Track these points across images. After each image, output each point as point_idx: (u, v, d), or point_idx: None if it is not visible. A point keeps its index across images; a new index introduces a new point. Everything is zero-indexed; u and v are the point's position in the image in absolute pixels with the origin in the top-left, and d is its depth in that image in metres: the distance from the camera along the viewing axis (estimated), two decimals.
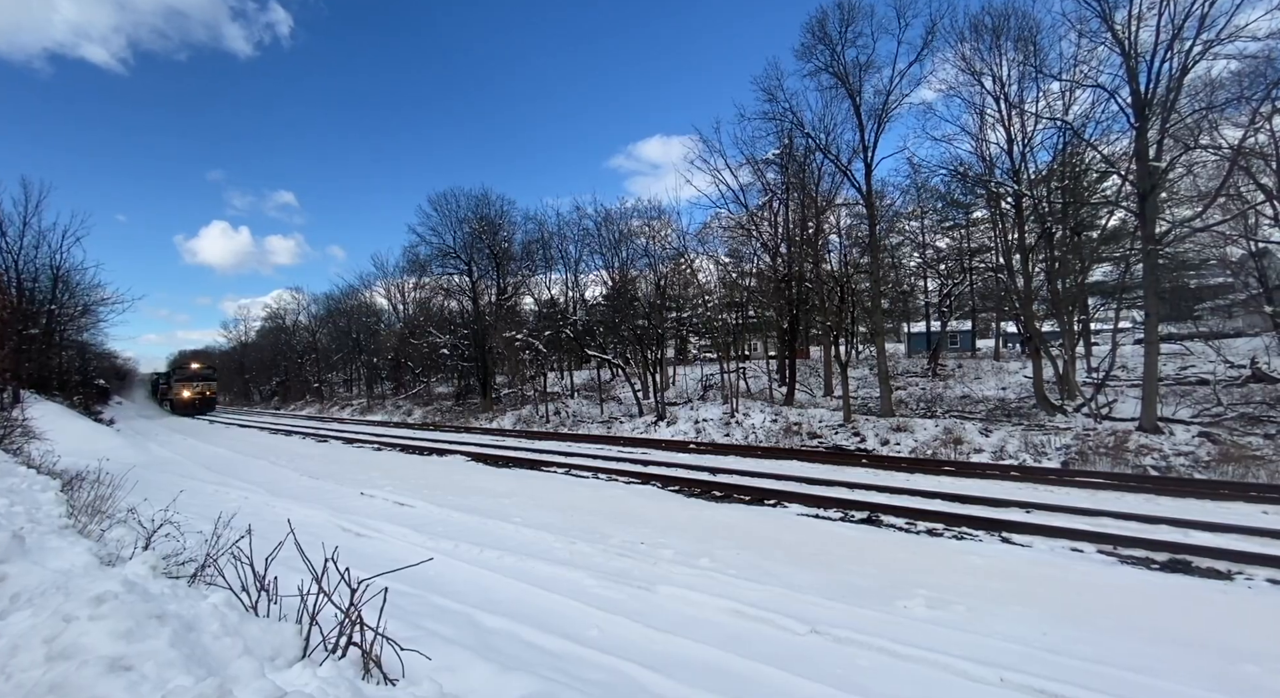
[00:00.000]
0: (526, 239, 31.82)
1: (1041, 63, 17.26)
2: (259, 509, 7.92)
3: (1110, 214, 20.87)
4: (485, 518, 7.13)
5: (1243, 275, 27.25)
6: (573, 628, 3.85)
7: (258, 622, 2.22)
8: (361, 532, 6.69)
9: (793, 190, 22.70)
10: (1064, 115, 17.42)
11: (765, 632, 3.83)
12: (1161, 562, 5.20)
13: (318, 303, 51.50)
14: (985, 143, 18.96)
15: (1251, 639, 3.59)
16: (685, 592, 4.46)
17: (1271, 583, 4.66)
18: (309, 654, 2.28)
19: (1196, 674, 3.14)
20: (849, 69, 18.77)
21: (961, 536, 6.17)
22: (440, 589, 4.60)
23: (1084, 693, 2.93)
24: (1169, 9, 14.96)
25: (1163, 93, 15.17)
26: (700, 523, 6.78)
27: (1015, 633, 3.69)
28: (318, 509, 7.80)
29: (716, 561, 5.29)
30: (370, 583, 2.84)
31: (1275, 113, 17.16)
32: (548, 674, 3.13)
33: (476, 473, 11.22)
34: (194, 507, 7.52)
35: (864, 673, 3.24)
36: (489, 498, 8.54)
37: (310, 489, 9.81)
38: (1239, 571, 4.91)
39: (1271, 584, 4.64)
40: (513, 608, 4.22)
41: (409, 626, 3.62)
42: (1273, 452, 9.74)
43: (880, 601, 4.27)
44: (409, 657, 2.80)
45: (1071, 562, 5.21)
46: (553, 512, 7.54)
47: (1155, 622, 3.87)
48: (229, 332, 65.79)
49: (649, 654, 3.46)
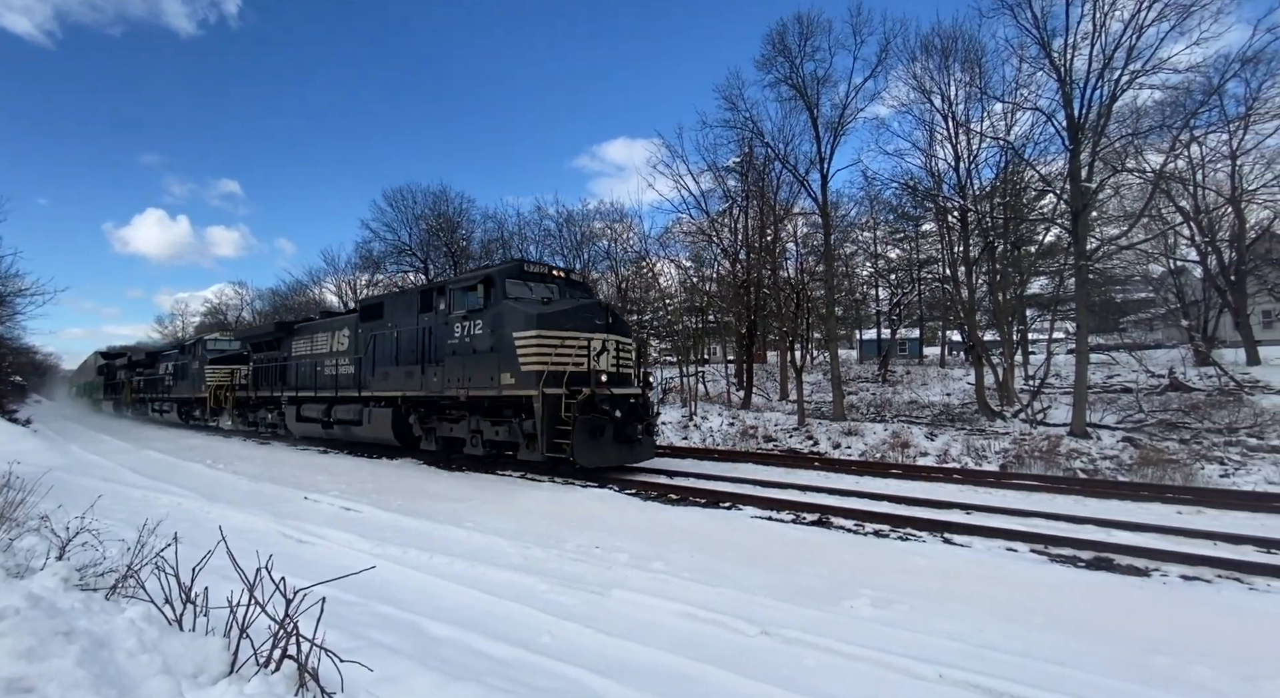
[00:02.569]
0: (486, 238, 31.33)
1: (986, 85, 18.17)
2: (193, 515, 7.49)
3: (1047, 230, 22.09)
4: (436, 523, 6.95)
5: (1163, 291, 29.32)
6: (524, 635, 3.79)
7: (180, 637, 2.08)
8: (304, 538, 6.41)
9: (752, 198, 23.11)
10: (1006, 135, 18.37)
11: (717, 634, 3.86)
12: (1087, 560, 5.51)
13: (263, 298, 49.02)
14: (934, 158, 19.80)
15: (1164, 632, 3.84)
16: (639, 596, 4.45)
17: (1184, 579, 5.00)
18: (237, 670, 2.16)
19: (1115, 666, 3.34)
20: (807, 82, 19.29)
21: (906, 537, 6.38)
22: (386, 597, 4.44)
23: (1014, 687, 3.07)
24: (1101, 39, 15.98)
25: (1094, 118, 16.16)
26: (656, 526, 6.78)
27: (954, 631, 3.83)
28: (257, 515, 7.43)
29: (671, 564, 5.30)
30: (310, 592, 2.72)
31: (1193, 141, 18.54)
32: (496, 683, 3.06)
33: (429, 477, 10.92)
34: (119, 513, 7.05)
35: (810, 673, 3.30)
36: (441, 502, 8.32)
37: (250, 493, 9.34)
38: (1156, 567, 5.25)
39: (1184, 580, 4.98)
40: (462, 615, 4.12)
41: (351, 636, 3.48)
42: (1187, 456, 10.48)
43: (828, 601, 4.37)
44: (349, 668, 2.69)
45: (1006, 561, 5.46)
46: (507, 517, 7.41)
47: (1080, 617, 4.10)
48: (164, 327, 61.98)
49: (601, 660, 3.44)
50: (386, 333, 12.67)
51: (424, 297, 12.04)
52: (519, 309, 9.91)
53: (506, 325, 9.93)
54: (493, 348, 10.12)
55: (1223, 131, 19.19)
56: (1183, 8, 15.48)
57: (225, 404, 20.27)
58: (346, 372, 14.02)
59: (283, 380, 16.74)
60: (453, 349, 10.93)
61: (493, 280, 10.42)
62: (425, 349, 11.58)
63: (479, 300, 10.49)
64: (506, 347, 9.83)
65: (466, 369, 10.56)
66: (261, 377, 18.16)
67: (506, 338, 9.87)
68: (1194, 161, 20.62)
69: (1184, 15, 15.55)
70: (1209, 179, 21.94)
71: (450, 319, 11.12)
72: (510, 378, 9.74)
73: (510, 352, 9.73)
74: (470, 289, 10.74)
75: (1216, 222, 22.85)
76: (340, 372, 14.32)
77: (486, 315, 10.39)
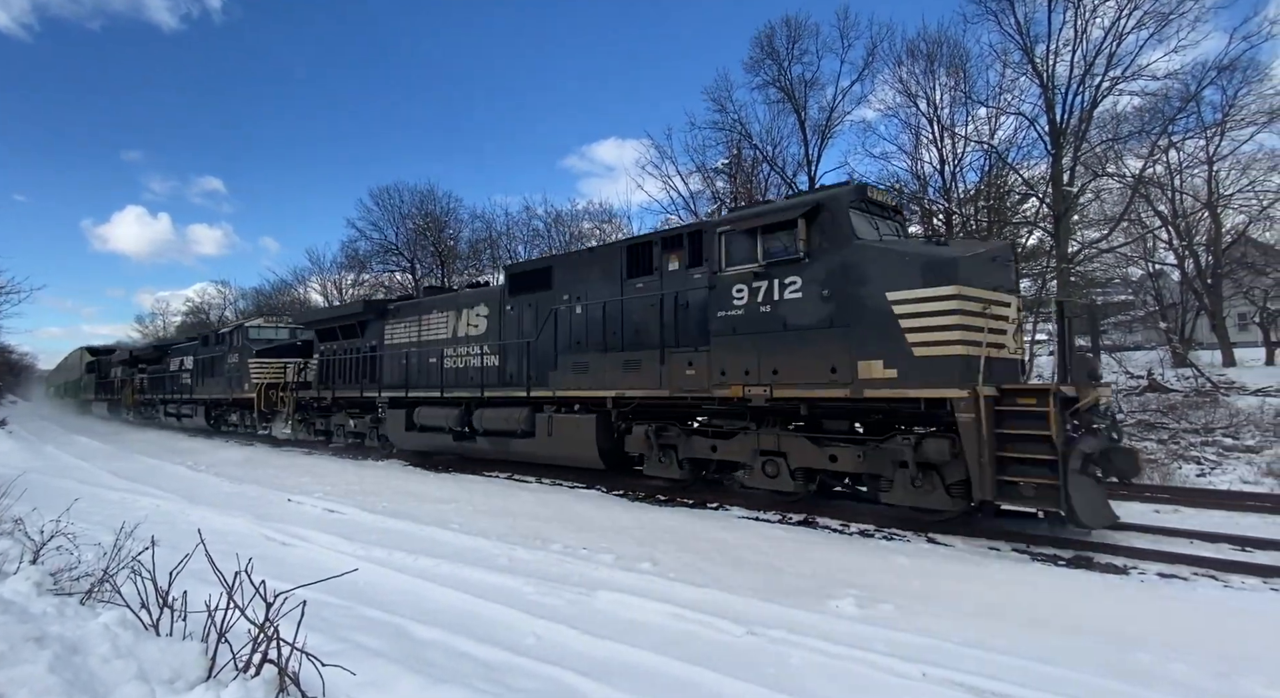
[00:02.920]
0: (474, 238, 31.17)
1: (970, 89, 18.43)
2: (172, 518, 7.38)
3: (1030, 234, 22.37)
4: (422, 525, 6.89)
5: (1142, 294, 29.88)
6: (509, 637, 3.77)
7: (157, 642, 2.05)
8: (288, 541, 6.33)
9: (740, 200, 23.19)
10: (990, 139, 18.63)
11: (703, 634, 3.86)
12: (1067, 558, 5.59)
13: (246, 298, 48.31)
14: (919, 162, 20.03)
15: (1142, 628, 3.90)
16: (625, 597, 4.45)
17: (1161, 577, 5.09)
18: (215, 675, 2.13)
19: (1094, 663, 3.39)
20: (795, 84, 19.44)
21: (891, 536, 6.43)
22: (371, 600, 4.40)
23: (997, 684, 3.10)
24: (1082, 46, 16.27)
25: (1075, 123, 16.44)
26: (643, 527, 6.78)
27: (937, 629, 3.87)
28: (240, 517, 7.33)
29: (658, 564, 5.30)
30: (291, 595, 2.69)
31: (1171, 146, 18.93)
32: (480, 686, 3.04)
33: (415, 478, 10.83)
34: (96, 516, 6.93)
35: (796, 672, 3.31)
36: (427, 504, 8.26)
37: (232, 495, 9.21)
38: (1134, 566, 5.34)
39: (1161, 577, 5.07)
40: (448, 618, 4.09)
41: (334, 639, 3.44)
42: (1165, 455, 10.67)
43: (814, 600, 4.39)
44: (331, 673, 2.66)
45: (988, 560, 5.53)
46: (493, 518, 7.37)
47: (1060, 615, 4.15)
48: (144, 326, 60.93)
49: (587, 661, 3.43)
50: (566, 308, 9.36)
51: (638, 253, 8.65)
52: (900, 251, 6.35)
53: (872, 279, 6.29)
54: (834, 319, 6.54)
55: (1200, 137, 19.64)
56: (1162, 16, 15.82)
57: (281, 406, 16.18)
58: (489, 364, 10.70)
59: (371, 376, 13.25)
60: (732, 325, 7.36)
61: (830, 209, 6.72)
62: (665, 327, 8.07)
63: (795, 244, 6.79)
64: (871, 314, 6.25)
65: (768, 354, 6.99)
66: (334, 371, 14.45)
67: (872, 300, 6.26)
68: (1172, 167, 21.06)
69: (1163, 23, 15.90)
70: (1186, 184, 22.43)
71: (722, 279, 7.49)
72: (881, 367, 6.16)
73: (881, 323, 6.17)
74: (779, 227, 6.96)
75: (1193, 226, 23.35)
76: (475, 363, 10.93)
77: (819, 266, 6.70)
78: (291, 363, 16.67)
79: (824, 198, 6.92)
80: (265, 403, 16.42)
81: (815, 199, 6.99)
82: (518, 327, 10.31)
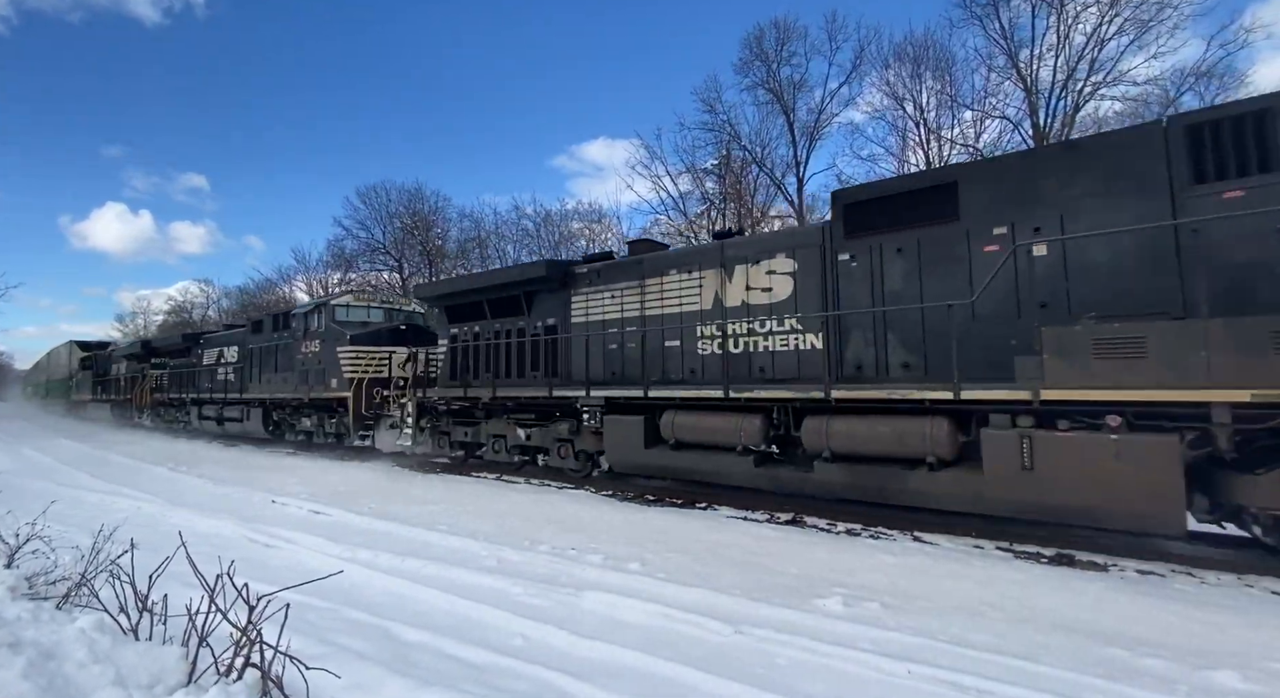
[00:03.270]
0: (462, 237, 31.04)
1: (956, 93, 18.65)
2: (153, 520, 7.25)
3: None
4: (409, 526, 6.84)
5: None
6: (497, 639, 3.76)
7: (135, 646, 2.01)
8: (272, 543, 6.25)
9: (729, 200, 23.29)
10: (975, 142, 18.88)
11: (691, 634, 3.87)
12: (1049, 556, 5.67)
13: (229, 297, 47.71)
14: (906, 164, 20.23)
15: (1119, 624, 3.98)
16: (614, 597, 4.44)
17: (1139, 573, 5.18)
18: (195, 680, 2.10)
19: (1074, 659, 3.44)
20: (784, 86, 19.57)
21: (877, 535, 6.49)
22: (357, 602, 4.36)
23: (980, 682, 3.14)
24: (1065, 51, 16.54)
25: (1059, 128, 16.70)
26: (632, 527, 6.78)
27: (922, 627, 3.91)
28: (223, 519, 7.22)
29: (646, 564, 5.31)
30: (275, 597, 2.66)
31: None
32: (467, 688, 3.03)
33: (403, 479, 10.75)
34: (75, 519, 6.81)
35: (783, 672, 3.33)
36: (414, 505, 8.20)
37: (216, 497, 9.08)
38: (1114, 563, 5.43)
39: (1140, 574, 5.16)
40: (435, 620, 4.07)
41: (319, 642, 3.41)
42: None
43: (801, 599, 4.42)
44: (316, 676, 2.64)
45: (972, 558, 5.59)
46: (481, 519, 7.33)
47: (1044, 612, 4.22)
48: (125, 325, 59.93)
49: (574, 662, 3.42)
50: (1027, 249, 5.88)
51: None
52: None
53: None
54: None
55: None
56: (1142, 22, 16.12)
57: (390, 409, 12.53)
58: (804, 346, 7.48)
59: (550, 368, 9.98)
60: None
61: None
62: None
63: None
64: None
65: None
66: (477, 362, 10.97)
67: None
68: None
69: (1143, 30, 16.20)
70: None
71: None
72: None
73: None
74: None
75: None
76: (769, 346, 7.72)
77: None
78: (397, 351, 13.07)
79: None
80: (366, 405, 12.73)
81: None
82: (874, 284, 6.95)
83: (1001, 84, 17.94)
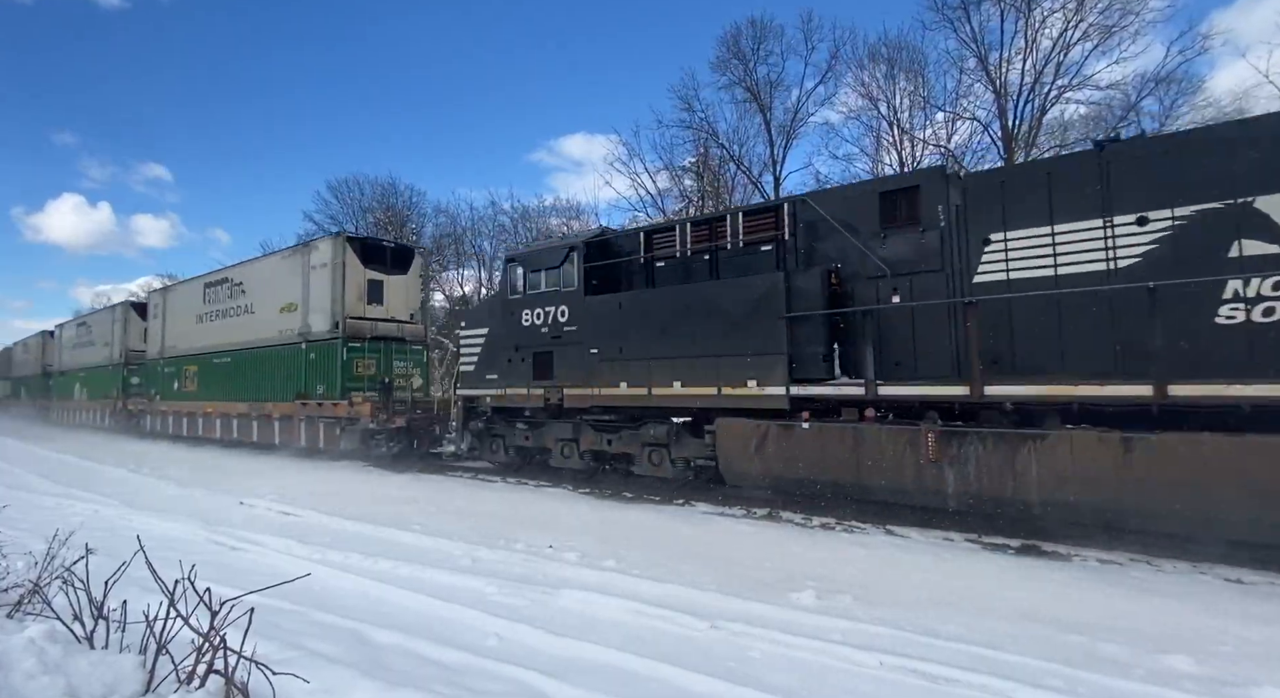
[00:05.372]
0: (437, 233, 30.56)
1: (929, 94, 19.00)
2: (111, 524, 7.01)
3: None
4: (381, 526, 6.73)
5: None
6: (471, 639, 3.72)
7: (89, 655, 1.94)
8: (238, 546, 6.09)
9: (708, 198, 23.38)
10: (947, 143, 19.25)
11: (666, 630, 3.89)
12: (1016, 547, 5.83)
13: None
14: (880, 164, 20.54)
15: (1079, 612, 4.11)
16: (589, 595, 4.44)
17: (1100, 562, 5.36)
18: (154, 688, 2.03)
19: (1037, 646, 3.55)
20: (760, 85, 19.71)
21: (851, 529, 6.60)
22: (326, 605, 4.28)
23: (948, 670, 3.22)
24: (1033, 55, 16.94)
25: (1026, 129, 17.12)
26: (608, 524, 6.78)
27: (893, 619, 3.98)
28: (186, 522, 7.02)
29: (622, 561, 5.31)
30: (240, 601, 2.59)
31: None
32: (440, 689, 2.99)
33: (375, 478, 10.57)
34: (27, 523, 6.55)
35: (756, 665, 3.36)
36: (387, 505, 8.07)
37: (178, 499, 8.82)
38: (1077, 553, 5.61)
39: (1100, 563, 5.34)
40: (407, 621, 4.01)
41: (287, 646, 3.33)
42: None
43: (775, 593, 4.47)
44: (283, 681, 2.58)
45: (942, 550, 5.73)
46: (456, 518, 7.25)
47: (1007, 602, 4.34)
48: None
49: (549, 660, 3.41)
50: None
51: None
52: None
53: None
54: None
55: None
56: (1105, 28, 16.61)
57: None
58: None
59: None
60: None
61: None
62: None
63: None
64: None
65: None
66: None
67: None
68: None
69: (1106, 35, 16.69)
70: None
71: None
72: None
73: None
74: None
75: None
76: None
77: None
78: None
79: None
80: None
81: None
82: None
83: (972, 86, 18.35)
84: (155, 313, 19.35)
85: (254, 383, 14.50)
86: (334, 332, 12.64)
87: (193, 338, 17.16)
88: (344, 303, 12.61)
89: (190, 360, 17.22)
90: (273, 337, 14.04)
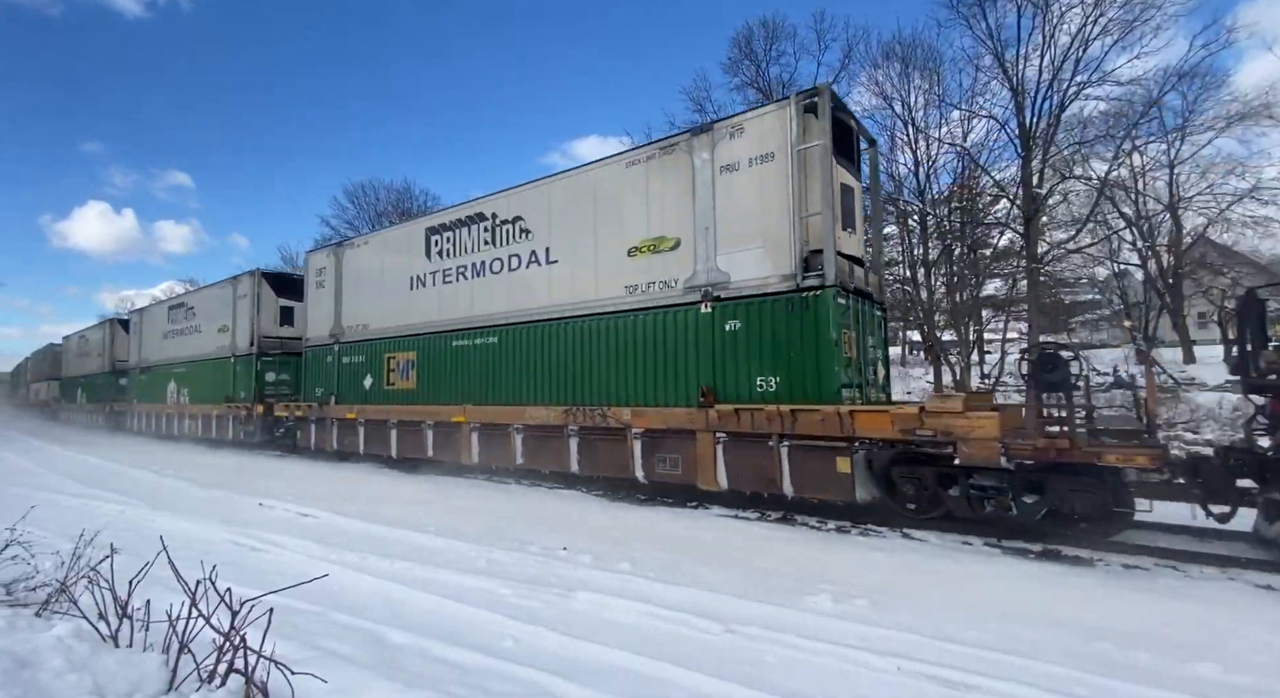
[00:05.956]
0: None
1: (944, 92, 18.78)
2: (136, 525, 7.14)
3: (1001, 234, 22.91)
4: (396, 528, 6.78)
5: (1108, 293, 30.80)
6: (486, 640, 3.73)
7: (115, 654, 1.98)
8: (258, 546, 6.17)
9: None
10: (963, 142, 19.02)
11: (681, 633, 3.86)
12: (1037, 552, 5.72)
13: None
14: (894, 163, 20.34)
15: (1105, 618, 4.02)
16: (603, 597, 4.43)
17: (1125, 568, 5.24)
18: (176, 687, 2.06)
19: (1061, 654, 3.48)
20: (772, 86, 19.60)
21: (867, 532, 6.52)
22: (343, 605, 4.32)
23: (968, 677, 3.16)
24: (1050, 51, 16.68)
25: (1044, 127, 16.84)
26: (622, 526, 6.77)
27: (912, 624, 3.93)
28: (207, 523, 7.13)
29: (636, 564, 5.29)
30: (260, 602, 2.62)
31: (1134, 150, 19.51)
32: (455, 690, 3.00)
33: (389, 480, 10.67)
34: (55, 524, 6.69)
35: (772, 670, 3.33)
36: (402, 506, 8.14)
37: (200, 501, 8.96)
38: (1099, 558, 5.49)
39: (1125, 568, 5.22)
40: (423, 622, 4.03)
41: (305, 646, 3.37)
42: None
43: (791, 597, 4.42)
44: (301, 680, 2.60)
45: (961, 554, 5.64)
46: (470, 520, 7.28)
47: (1031, 607, 4.25)
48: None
49: (563, 662, 3.41)
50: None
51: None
52: None
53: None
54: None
55: (1161, 142, 20.28)
56: (1125, 23, 16.30)
57: None
58: None
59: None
60: None
61: None
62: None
63: None
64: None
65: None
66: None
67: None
68: (1135, 170, 21.74)
69: (1127, 30, 16.38)
70: (1149, 187, 23.16)
71: None
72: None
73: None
74: None
75: (1156, 227, 24.13)
76: None
77: None
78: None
79: None
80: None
81: None
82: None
83: (988, 84, 18.11)
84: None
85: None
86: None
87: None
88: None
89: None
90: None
